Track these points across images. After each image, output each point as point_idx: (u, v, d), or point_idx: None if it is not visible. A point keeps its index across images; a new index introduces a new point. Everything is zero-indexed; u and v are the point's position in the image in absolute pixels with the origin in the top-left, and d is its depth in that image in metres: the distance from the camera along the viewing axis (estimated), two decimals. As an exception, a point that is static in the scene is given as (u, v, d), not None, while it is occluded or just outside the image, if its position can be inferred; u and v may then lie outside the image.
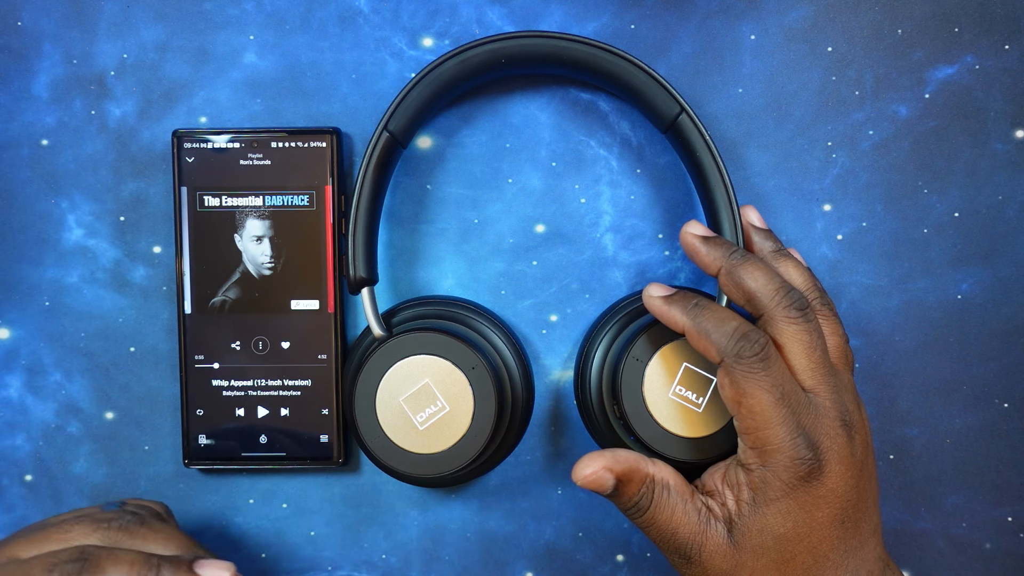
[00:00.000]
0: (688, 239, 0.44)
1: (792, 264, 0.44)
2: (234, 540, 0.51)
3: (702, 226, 0.44)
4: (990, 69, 0.49)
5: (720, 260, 0.43)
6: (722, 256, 0.43)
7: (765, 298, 0.41)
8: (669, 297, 0.43)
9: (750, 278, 0.42)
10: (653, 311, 0.43)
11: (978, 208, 0.49)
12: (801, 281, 0.44)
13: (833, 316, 0.43)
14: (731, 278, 0.42)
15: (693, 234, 0.44)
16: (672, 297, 0.43)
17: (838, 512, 0.40)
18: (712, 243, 0.44)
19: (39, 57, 0.50)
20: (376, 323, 0.45)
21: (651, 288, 0.44)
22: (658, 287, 0.44)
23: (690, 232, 0.44)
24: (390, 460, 0.44)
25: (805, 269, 0.44)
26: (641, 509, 0.42)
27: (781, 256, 0.45)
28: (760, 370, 0.40)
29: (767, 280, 0.42)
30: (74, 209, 0.50)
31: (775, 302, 0.41)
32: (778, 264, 0.44)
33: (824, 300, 0.43)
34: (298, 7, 0.49)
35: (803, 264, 0.45)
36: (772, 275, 0.42)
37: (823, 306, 0.43)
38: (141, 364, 0.50)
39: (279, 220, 0.48)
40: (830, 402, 0.41)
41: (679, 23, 0.49)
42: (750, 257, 0.43)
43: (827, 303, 0.44)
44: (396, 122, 0.46)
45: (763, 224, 0.46)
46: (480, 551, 0.51)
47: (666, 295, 0.43)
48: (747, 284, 0.42)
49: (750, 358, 0.40)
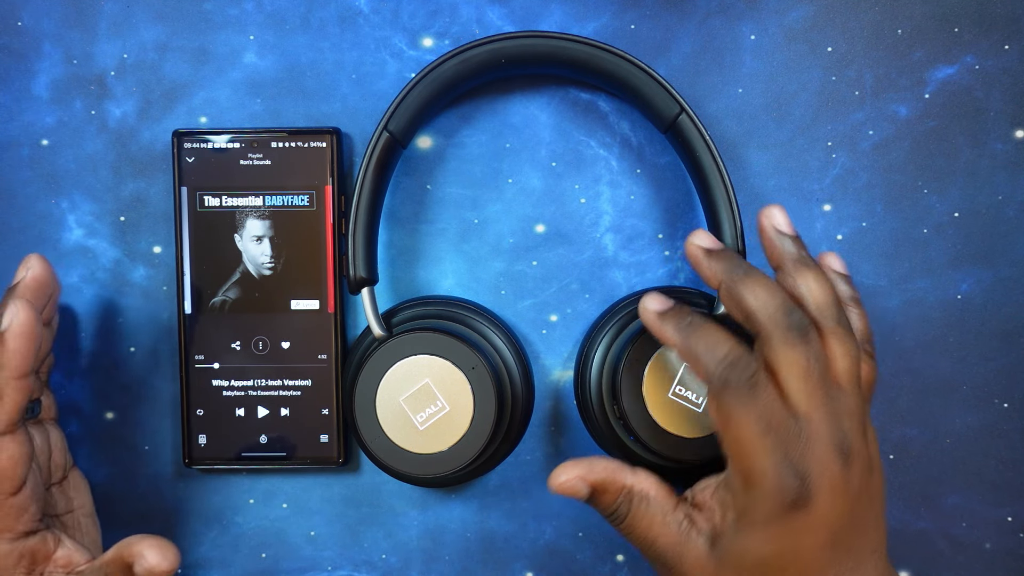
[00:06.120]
0: (692, 250, 0.42)
1: (813, 276, 0.41)
2: (234, 540, 0.51)
3: (709, 236, 0.43)
4: (990, 69, 0.49)
5: (721, 274, 0.41)
6: (723, 270, 0.41)
7: (763, 318, 0.39)
8: (664, 312, 0.41)
9: (750, 296, 0.40)
10: (647, 324, 0.42)
11: (978, 208, 0.49)
12: (820, 295, 0.40)
13: (847, 336, 0.40)
14: (730, 295, 0.40)
15: (697, 245, 0.42)
16: (667, 313, 0.41)
17: (828, 538, 0.39)
18: (715, 256, 0.42)
19: (39, 57, 0.50)
20: (376, 323, 0.45)
21: (647, 300, 0.42)
22: (655, 299, 0.42)
23: (694, 243, 0.42)
24: (390, 460, 0.44)
25: (826, 282, 0.41)
26: (619, 517, 0.42)
27: (802, 266, 0.41)
28: (747, 399, 0.38)
29: (767, 298, 0.39)
30: (74, 209, 0.50)
31: (773, 323, 0.39)
32: (797, 276, 0.41)
33: (840, 318, 0.40)
34: (298, 7, 0.49)
35: (827, 275, 0.42)
36: (774, 293, 0.40)
37: (836, 324, 0.40)
38: (141, 364, 0.50)
39: (279, 220, 0.48)
40: (825, 429, 0.38)
41: (679, 23, 0.49)
42: (752, 273, 0.41)
43: (842, 321, 0.40)
44: (396, 122, 0.46)
45: (789, 228, 0.43)
46: (480, 551, 0.51)
47: (661, 309, 0.42)
48: (746, 302, 0.40)
49: (737, 386, 0.38)
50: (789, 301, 0.40)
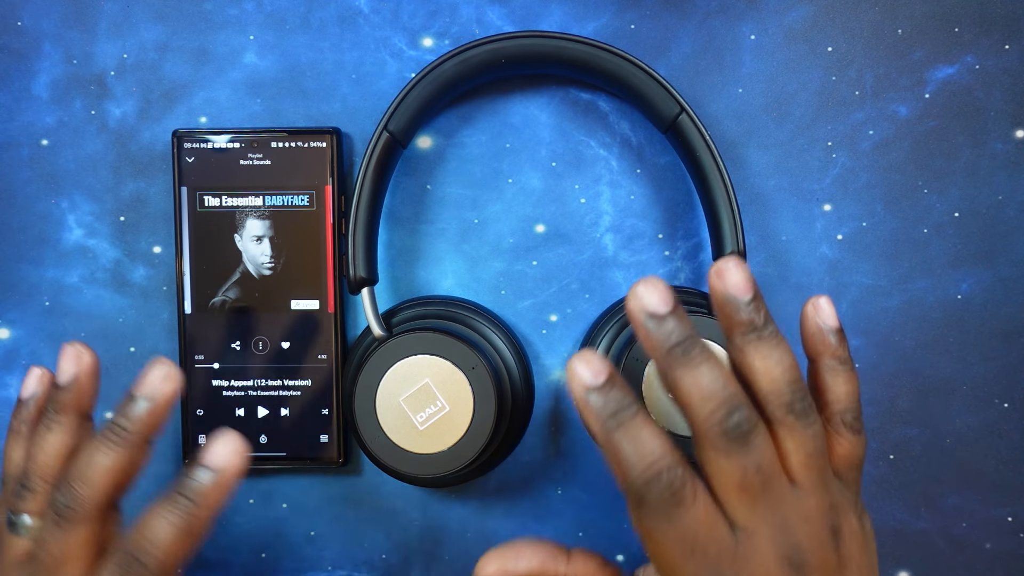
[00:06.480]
0: (633, 309, 0.33)
1: (768, 348, 0.34)
2: (234, 540, 0.51)
3: (658, 290, 0.33)
4: (990, 69, 0.49)
5: (659, 350, 0.33)
6: (662, 344, 0.33)
7: (698, 416, 0.33)
8: (593, 389, 0.33)
9: (689, 383, 0.33)
10: (571, 394, 0.34)
11: (978, 208, 0.49)
12: (771, 376, 0.34)
13: (803, 425, 0.34)
14: (666, 377, 0.33)
15: (642, 305, 0.33)
16: (598, 390, 0.33)
17: None
18: (660, 322, 0.33)
19: (39, 57, 0.50)
20: (376, 323, 0.45)
21: (578, 365, 0.33)
22: (585, 363, 0.33)
23: (638, 299, 0.33)
24: (390, 460, 0.44)
25: (784, 355, 0.34)
26: None
27: (754, 337, 0.34)
28: (666, 520, 0.32)
29: (707, 390, 0.32)
30: (74, 209, 0.50)
31: (708, 424, 0.32)
32: (746, 349, 0.34)
33: (794, 404, 0.34)
34: (298, 7, 0.49)
35: (785, 348, 0.34)
36: (717, 383, 0.32)
37: (787, 414, 0.34)
38: (141, 364, 0.50)
39: (279, 220, 0.48)
40: (768, 543, 0.33)
41: (679, 23, 0.49)
42: (698, 353, 0.33)
43: (797, 407, 0.34)
44: (396, 122, 0.46)
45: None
46: (480, 551, 0.51)
47: (592, 383, 0.33)
48: (681, 391, 0.33)
49: (656, 504, 0.32)
50: (735, 396, 0.33)
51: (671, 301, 0.33)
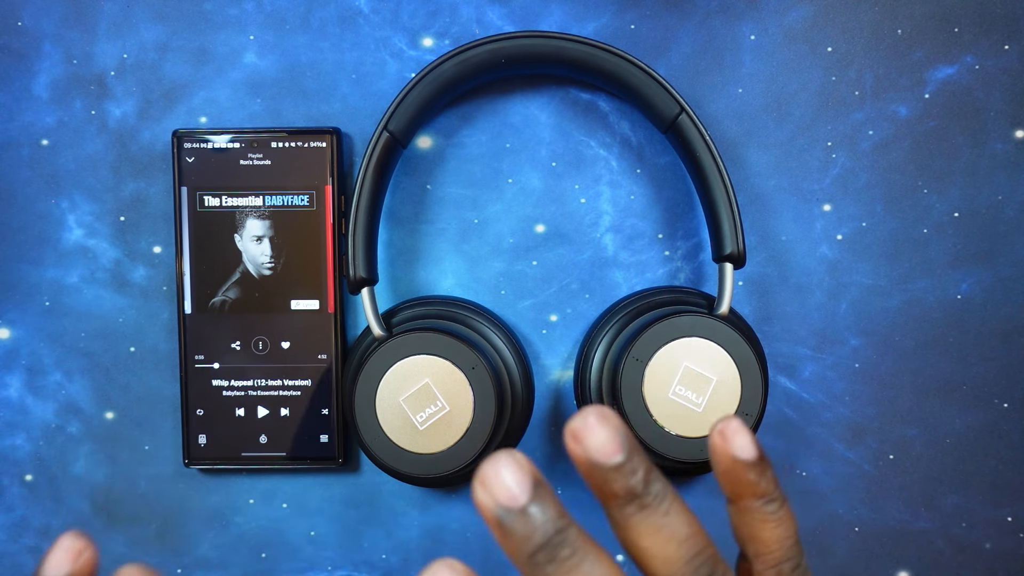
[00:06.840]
0: (573, 449, 0.27)
1: (773, 524, 0.30)
2: (234, 540, 0.51)
3: (606, 433, 0.27)
4: (990, 69, 0.49)
5: (621, 492, 0.28)
6: (622, 491, 0.27)
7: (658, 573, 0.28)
8: (517, 512, 0.26)
9: (646, 536, 0.28)
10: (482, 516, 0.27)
11: (978, 208, 0.49)
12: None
13: None
14: (625, 532, 0.28)
15: (590, 460, 0.27)
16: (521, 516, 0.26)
17: None
18: (617, 472, 0.27)
19: (39, 57, 0.50)
20: (376, 323, 0.45)
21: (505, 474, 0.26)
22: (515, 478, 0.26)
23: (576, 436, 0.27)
24: (390, 460, 0.44)
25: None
26: None
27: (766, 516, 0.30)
28: None
29: (673, 546, 0.28)
30: (74, 209, 0.50)
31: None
32: (758, 524, 0.30)
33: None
34: (298, 7, 0.49)
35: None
36: (684, 536, 0.28)
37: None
38: (141, 364, 0.50)
39: (279, 220, 0.48)
40: None
41: (679, 23, 0.49)
42: (660, 504, 0.28)
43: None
44: (396, 122, 0.46)
45: (752, 451, 0.29)
46: (480, 551, 0.51)
47: (516, 504, 0.26)
48: (640, 544, 0.28)
49: None
50: (700, 554, 0.28)
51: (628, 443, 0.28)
